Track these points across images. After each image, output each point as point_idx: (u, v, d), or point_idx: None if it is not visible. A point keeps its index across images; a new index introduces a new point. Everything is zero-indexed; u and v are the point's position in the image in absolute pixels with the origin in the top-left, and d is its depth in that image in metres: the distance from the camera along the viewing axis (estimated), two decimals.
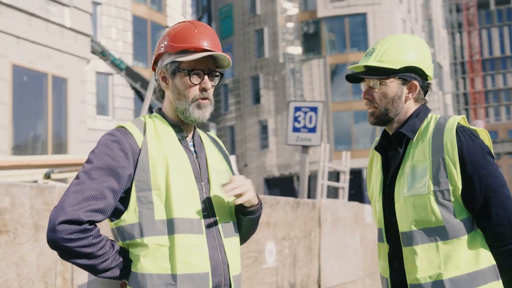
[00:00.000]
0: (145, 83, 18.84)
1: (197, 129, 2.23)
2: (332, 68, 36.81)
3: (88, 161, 1.95)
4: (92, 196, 1.86)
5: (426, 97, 2.30)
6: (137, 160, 1.97)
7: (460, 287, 2.08)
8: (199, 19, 44.60)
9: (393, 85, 2.23)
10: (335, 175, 15.54)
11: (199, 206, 1.99)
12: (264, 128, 37.68)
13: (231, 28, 40.07)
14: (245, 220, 2.14)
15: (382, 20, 36.23)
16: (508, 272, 2.11)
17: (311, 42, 37.56)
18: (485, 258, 2.11)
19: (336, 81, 36.89)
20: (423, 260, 2.11)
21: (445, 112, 49.41)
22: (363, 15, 36.65)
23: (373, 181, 2.39)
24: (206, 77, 2.06)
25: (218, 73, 2.12)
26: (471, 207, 2.11)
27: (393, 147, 2.28)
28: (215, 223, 2.02)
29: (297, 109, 9.15)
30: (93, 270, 1.91)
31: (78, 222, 1.83)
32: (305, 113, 9.14)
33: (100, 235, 1.91)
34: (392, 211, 2.22)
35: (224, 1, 41.05)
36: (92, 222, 1.88)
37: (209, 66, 2.07)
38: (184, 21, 2.14)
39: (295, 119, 9.15)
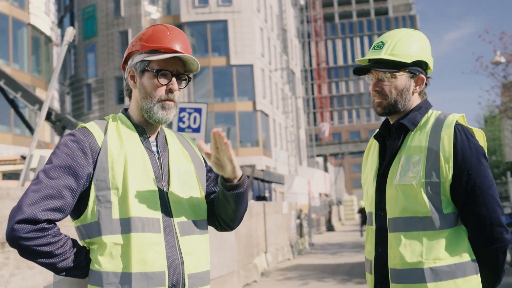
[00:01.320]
0: (9, 81, 18.40)
1: (165, 129, 2.22)
2: None
3: (48, 161, 1.96)
4: (50, 195, 1.87)
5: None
6: (97, 159, 1.97)
7: (439, 277, 2.11)
8: (61, 18, 43.77)
9: (402, 78, 2.28)
10: None
11: (157, 205, 1.99)
12: None
13: (95, 28, 40.00)
14: (232, 195, 2.09)
15: (242, 27, 38.49)
16: (486, 269, 2.17)
17: None
18: (466, 253, 2.14)
19: (198, 84, 38.50)
20: (407, 247, 2.15)
21: (298, 114, 52.99)
22: (224, 22, 38.58)
23: (368, 167, 2.44)
24: (174, 78, 2.06)
25: (186, 77, 2.11)
26: (457, 202, 2.17)
27: (392, 137, 2.34)
28: (173, 222, 2.02)
29: (182, 109, 9.22)
30: (53, 268, 1.92)
31: (35, 221, 1.84)
32: (190, 113, 9.22)
33: (60, 234, 1.91)
34: (383, 197, 2.28)
35: (88, 1, 40.76)
36: (51, 221, 1.88)
37: (178, 69, 2.08)
38: (159, 24, 2.15)
39: (180, 120, 9.20)
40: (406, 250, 2.15)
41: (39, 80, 30.55)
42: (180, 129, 9.33)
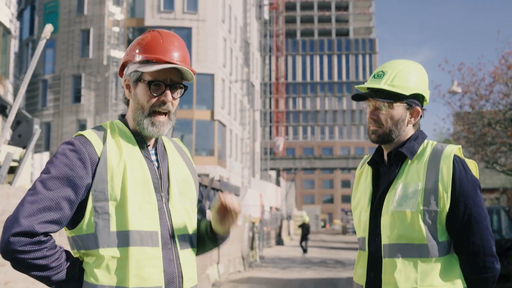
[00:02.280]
0: None
1: (163, 137, 2.16)
2: None
3: (45, 170, 1.90)
4: (48, 207, 1.81)
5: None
6: (95, 169, 1.91)
7: None
8: (22, 11, 42.71)
9: (399, 109, 2.33)
10: None
11: (156, 217, 1.95)
12: (82, 127, 37.53)
13: (56, 24, 39.20)
14: (210, 244, 2.17)
15: (206, 36, 38.51)
16: None
17: None
18: (459, 281, 2.20)
19: None
20: (401, 273, 2.18)
21: (254, 127, 53.18)
22: (189, 29, 38.49)
23: (361, 193, 2.46)
24: (167, 89, 2.01)
25: (182, 86, 2.05)
26: (452, 231, 2.22)
27: (387, 164, 2.39)
28: (172, 235, 1.99)
29: None
30: (47, 281, 1.87)
31: (33, 234, 1.78)
32: None
33: (55, 246, 1.87)
34: (377, 223, 2.31)
35: None
36: (47, 234, 1.84)
37: (172, 78, 2.02)
38: (153, 30, 2.09)
39: None
40: (401, 276, 2.18)
41: None
42: None
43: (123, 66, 2.11)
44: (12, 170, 7.28)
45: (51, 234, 1.86)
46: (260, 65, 59.02)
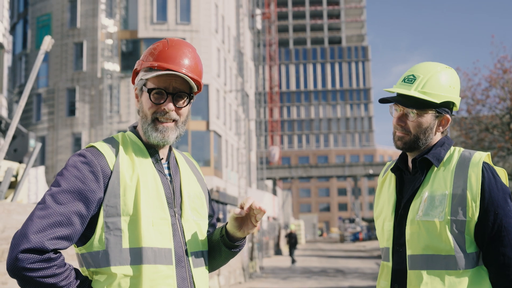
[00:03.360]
0: None
1: (173, 149, 2.11)
2: None
3: (55, 183, 1.81)
4: (58, 222, 1.72)
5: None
6: (108, 183, 1.83)
7: None
8: (14, 25, 42.64)
9: (428, 117, 2.22)
10: None
11: (170, 234, 1.88)
12: (77, 141, 37.39)
13: None
14: (227, 252, 2.06)
15: (199, 47, 38.45)
16: None
17: (130, 60, 38.26)
18: None
19: None
20: (428, 285, 2.09)
21: (249, 137, 53.11)
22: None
23: (384, 201, 2.35)
24: (169, 97, 1.93)
25: (186, 94, 1.97)
26: (481, 242, 2.12)
27: (411, 171, 2.29)
28: (186, 253, 1.91)
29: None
30: None
31: (42, 251, 1.69)
32: None
33: (65, 264, 1.77)
34: (402, 232, 2.21)
35: (43, 10, 39.94)
36: (57, 251, 1.75)
37: (175, 86, 1.94)
38: (167, 38, 2.03)
39: None
40: None
41: None
42: None
43: (135, 74, 2.05)
44: (10, 186, 7.15)
45: (60, 251, 1.78)
46: (254, 75, 59.05)
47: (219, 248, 2.06)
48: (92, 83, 37.63)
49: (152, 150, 1.99)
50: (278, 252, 34.79)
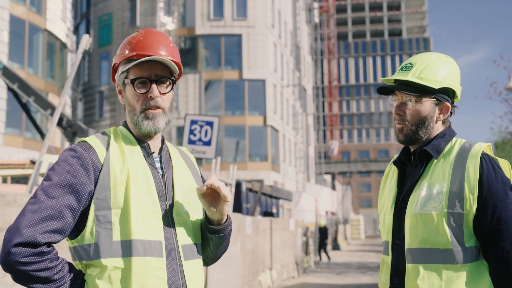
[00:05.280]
0: (22, 85, 18.54)
1: (167, 143, 2.11)
2: (206, 83, 38.40)
3: (47, 177, 1.83)
4: (50, 216, 1.75)
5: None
6: (98, 177, 1.86)
7: None
8: (77, 25, 44.13)
9: (427, 104, 2.17)
10: None
11: (160, 227, 1.89)
12: None
13: (110, 37, 40.29)
14: (213, 238, 2.04)
15: (256, 42, 38.61)
16: None
17: (188, 57, 38.83)
18: None
19: (209, 96, 38.61)
20: (425, 280, 2.05)
21: (307, 131, 52.91)
22: (239, 36, 38.72)
23: (386, 194, 2.33)
24: (153, 85, 1.93)
25: (170, 80, 1.98)
26: (480, 236, 2.06)
27: (412, 164, 2.24)
28: (176, 245, 1.92)
29: (193, 122, 9.27)
30: None
31: (35, 245, 1.72)
32: (201, 126, 9.28)
33: (58, 258, 1.80)
34: (401, 226, 2.17)
35: (104, 10, 41.14)
36: (50, 244, 1.77)
37: (157, 73, 1.95)
38: (138, 31, 2.04)
39: (191, 132, 9.24)
40: (424, 283, 2.04)
41: (53, 85, 30.70)
42: (191, 142, 9.35)
43: (114, 71, 2.05)
44: None
45: (53, 244, 1.80)
46: (311, 69, 58.72)
47: (205, 236, 2.05)
48: None
49: (143, 143, 2.00)
50: (336, 247, 34.56)
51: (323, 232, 24.48)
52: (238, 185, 18.15)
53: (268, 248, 13.73)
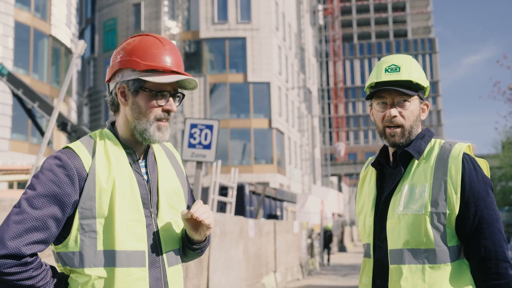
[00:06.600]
0: (27, 90, 18.60)
1: (151, 145, 2.08)
2: (211, 87, 38.48)
3: (31, 186, 1.82)
4: (34, 227, 1.75)
5: None
6: (83, 186, 1.85)
7: None
8: (82, 30, 44.35)
9: (416, 103, 2.19)
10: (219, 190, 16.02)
11: (144, 236, 1.90)
12: None
13: (115, 41, 40.46)
14: (191, 253, 2.09)
15: (260, 45, 38.64)
16: None
17: (193, 61, 38.90)
18: (469, 287, 2.06)
19: (214, 99, 38.66)
20: (408, 281, 2.05)
21: (313, 133, 52.87)
22: (243, 39, 38.78)
23: (365, 197, 2.31)
24: (171, 99, 1.97)
25: (179, 94, 2.02)
26: (462, 235, 2.08)
27: (391, 165, 2.24)
28: (160, 253, 1.94)
29: (193, 126, 9.19)
30: None
31: (19, 256, 1.73)
32: (201, 130, 9.19)
33: (41, 265, 1.82)
34: (383, 227, 2.17)
35: (109, 15, 41.32)
36: (34, 254, 1.79)
37: (175, 87, 1.99)
38: (148, 35, 2.02)
39: (191, 136, 9.17)
40: (407, 283, 2.05)
41: (58, 90, 30.85)
42: (191, 145, 9.26)
43: (115, 72, 2.00)
44: None
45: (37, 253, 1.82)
46: (316, 71, 58.69)
47: (184, 249, 2.09)
48: None
49: (129, 150, 1.99)
50: (342, 249, 34.48)
51: (328, 235, 24.37)
52: (241, 188, 18.01)
53: (272, 251, 13.72)
